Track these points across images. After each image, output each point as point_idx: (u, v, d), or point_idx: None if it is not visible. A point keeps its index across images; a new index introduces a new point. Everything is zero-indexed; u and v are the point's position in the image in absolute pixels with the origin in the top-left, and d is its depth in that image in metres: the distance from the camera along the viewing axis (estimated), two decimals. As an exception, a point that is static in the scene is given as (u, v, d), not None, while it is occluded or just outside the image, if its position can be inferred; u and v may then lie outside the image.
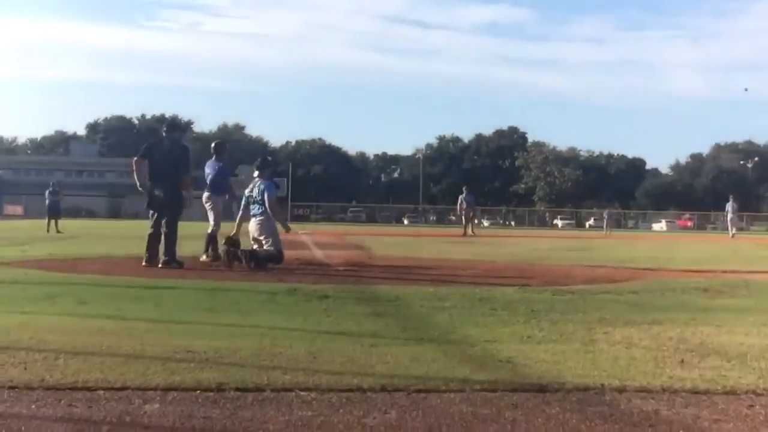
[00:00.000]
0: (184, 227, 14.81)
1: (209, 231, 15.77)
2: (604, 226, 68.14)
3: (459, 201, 42.42)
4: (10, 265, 13.69)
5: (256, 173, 14.87)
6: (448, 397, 4.76)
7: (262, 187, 14.47)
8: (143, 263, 13.84)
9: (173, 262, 13.75)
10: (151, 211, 14.31)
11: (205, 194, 16.25)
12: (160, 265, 13.62)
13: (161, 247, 13.96)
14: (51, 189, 37.87)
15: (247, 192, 14.82)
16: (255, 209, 14.44)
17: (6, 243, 22.39)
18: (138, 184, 14.32)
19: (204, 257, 15.37)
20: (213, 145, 17.30)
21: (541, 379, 5.19)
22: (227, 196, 16.57)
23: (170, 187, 14.02)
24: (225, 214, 16.54)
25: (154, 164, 14.18)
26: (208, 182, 16.24)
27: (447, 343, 6.53)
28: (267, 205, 14.30)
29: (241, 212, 15.01)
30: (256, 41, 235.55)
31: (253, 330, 6.95)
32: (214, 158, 16.60)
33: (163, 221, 14.02)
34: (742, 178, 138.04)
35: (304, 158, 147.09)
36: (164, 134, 14.76)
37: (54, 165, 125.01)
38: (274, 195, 14.63)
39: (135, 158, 14.42)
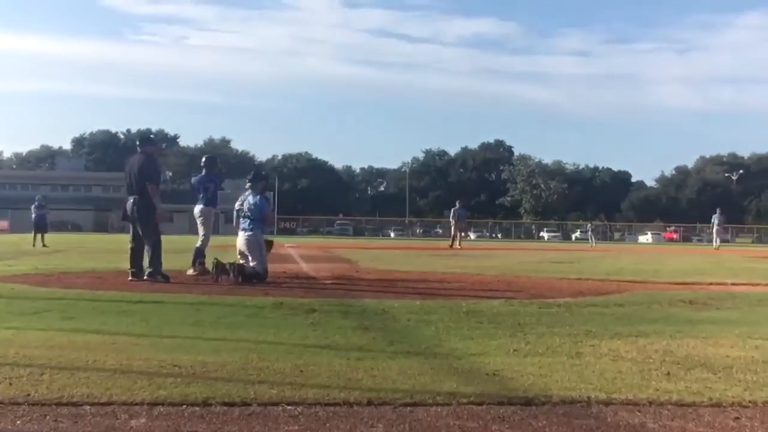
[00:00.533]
0: (172, 241, 14.75)
1: (198, 244, 15.72)
2: (590, 239, 68.39)
3: (452, 213, 42.35)
4: (-4, 279, 13.64)
5: (248, 185, 14.80)
6: (435, 411, 4.75)
7: (251, 201, 14.43)
8: (129, 278, 13.79)
9: (158, 275, 13.67)
10: (131, 225, 14.28)
11: (198, 207, 16.18)
12: (145, 278, 13.58)
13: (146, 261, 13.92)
14: (37, 203, 37.74)
15: (237, 205, 14.73)
16: (245, 224, 14.38)
17: (-9, 258, 22.32)
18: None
19: (191, 271, 15.30)
20: (204, 159, 17.23)
21: (528, 392, 5.19)
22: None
23: (143, 200, 13.95)
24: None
25: (129, 178, 14.18)
26: (201, 195, 16.18)
27: (434, 356, 6.52)
28: (266, 219, 14.34)
29: (238, 226, 14.86)
30: (242, 55, 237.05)
31: (239, 344, 6.93)
32: (205, 172, 16.57)
33: (141, 234, 13.98)
34: (726, 191, 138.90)
35: (291, 172, 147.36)
36: (138, 149, 14.63)
37: (40, 179, 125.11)
38: (267, 209, 14.64)
39: None
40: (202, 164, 16.95)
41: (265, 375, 5.60)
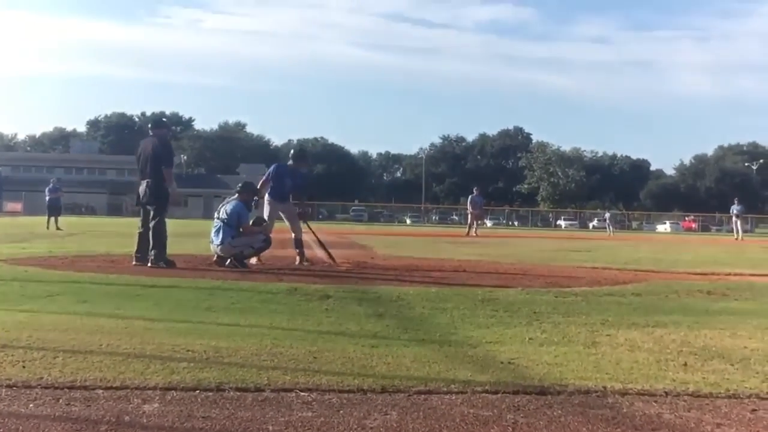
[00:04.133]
0: (186, 225, 14.72)
1: (295, 236, 15.45)
2: (607, 228, 68.34)
3: (469, 200, 42.21)
4: (8, 262, 13.70)
5: (235, 195, 14.61)
6: (449, 399, 4.76)
7: (230, 207, 14.26)
8: (133, 262, 13.78)
9: (162, 261, 13.57)
10: (141, 209, 14.29)
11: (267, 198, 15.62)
12: (149, 265, 13.46)
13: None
14: (51, 186, 37.86)
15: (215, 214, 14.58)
16: (214, 231, 14.20)
17: (5, 240, 22.43)
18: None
19: (304, 262, 15.03)
20: (295, 150, 16.57)
21: (543, 381, 5.19)
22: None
23: (155, 184, 13.91)
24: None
25: (141, 162, 14.14)
26: (290, 190, 15.71)
27: (448, 344, 6.53)
28: (243, 229, 14.07)
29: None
30: (256, 39, 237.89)
31: (253, 330, 6.96)
32: (291, 163, 15.95)
33: (152, 217, 13.92)
34: (746, 180, 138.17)
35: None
36: (150, 132, 14.59)
37: (54, 162, 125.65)
38: (245, 217, 14.31)
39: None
40: (291, 155, 16.26)
41: (278, 361, 5.62)
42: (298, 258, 15.02)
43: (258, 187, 15.39)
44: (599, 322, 8.04)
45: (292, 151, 16.29)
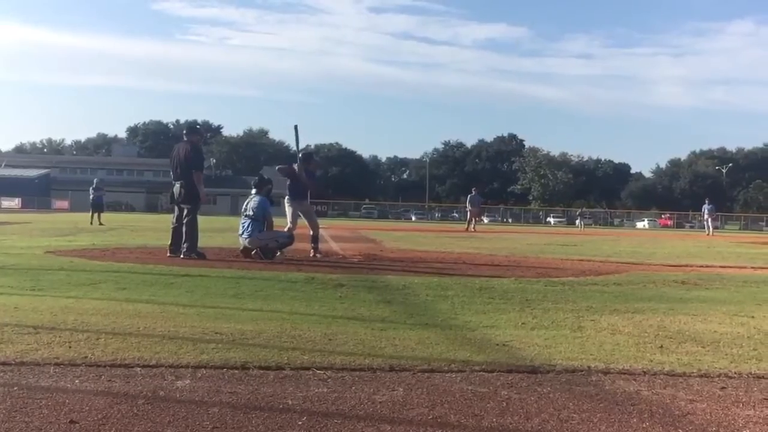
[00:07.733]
0: (213, 221, 14.67)
1: (313, 232, 15.36)
2: (579, 224, 68.58)
3: (468, 199, 42.15)
4: (56, 253, 13.72)
5: (253, 190, 14.52)
6: (450, 377, 4.75)
7: (255, 201, 14.17)
8: (167, 254, 13.75)
9: (193, 253, 13.52)
10: (175, 207, 14.29)
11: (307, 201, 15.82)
12: (182, 256, 13.41)
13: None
14: (94, 186, 37.78)
15: (242, 209, 14.46)
16: (244, 225, 14.05)
17: (54, 234, 22.43)
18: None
19: (317, 254, 14.95)
20: (304, 154, 16.14)
21: (534, 362, 5.18)
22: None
23: (188, 184, 13.90)
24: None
25: (175, 165, 14.14)
26: (305, 188, 15.66)
27: (449, 328, 6.52)
28: (267, 219, 14.04)
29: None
30: (278, 54, 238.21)
31: (274, 314, 6.94)
32: (302, 164, 15.64)
33: (185, 215, 13.88)
34: (716, 182, 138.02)
35: (323, 160, 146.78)
36: (184, 138, 14.54)
37: (97, 164, 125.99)
38: (269, 209, 14.26)
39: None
40: (300, 158, 15.85)
41: (297, 342, 5.61)
42: (312, 251, 14.99)
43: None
44: (584, 308, 8.02)
45: (300, 154, 15.86)
